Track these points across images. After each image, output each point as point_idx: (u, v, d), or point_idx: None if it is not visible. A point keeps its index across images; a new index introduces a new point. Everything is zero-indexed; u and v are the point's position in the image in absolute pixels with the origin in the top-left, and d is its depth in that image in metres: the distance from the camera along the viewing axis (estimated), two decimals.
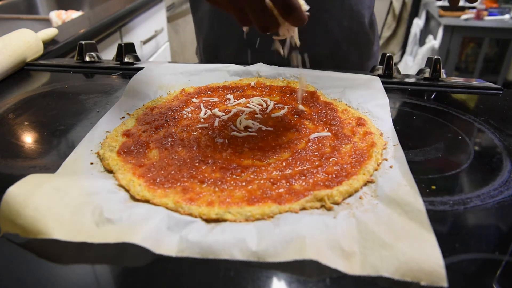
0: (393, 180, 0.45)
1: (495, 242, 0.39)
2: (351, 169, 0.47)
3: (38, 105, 0.67)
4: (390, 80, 0.77)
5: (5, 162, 0.51)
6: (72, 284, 0.34)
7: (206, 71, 0.75)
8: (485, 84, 0.77)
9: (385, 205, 0.41)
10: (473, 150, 0.54)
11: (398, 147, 0.51)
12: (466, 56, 3.04)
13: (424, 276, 0.33)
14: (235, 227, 0.39)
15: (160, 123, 0.58)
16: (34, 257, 0.36)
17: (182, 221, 0.39)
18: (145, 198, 0.43)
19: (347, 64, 0.90)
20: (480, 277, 0.35)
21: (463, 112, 0.65)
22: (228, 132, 0.56)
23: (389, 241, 0.36)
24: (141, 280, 0.34)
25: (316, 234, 0.37)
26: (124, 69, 0.82)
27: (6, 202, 0.37)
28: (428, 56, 0.80)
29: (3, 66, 0.76)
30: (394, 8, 3.33)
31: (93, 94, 0.70)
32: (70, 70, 0.83)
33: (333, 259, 0.35)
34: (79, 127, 0.59)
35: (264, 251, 0.36)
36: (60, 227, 0.37)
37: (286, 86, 0.71)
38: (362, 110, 0.63)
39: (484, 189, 0.46)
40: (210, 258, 0.36)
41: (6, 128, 0.59)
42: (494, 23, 2.72)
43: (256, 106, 0.64)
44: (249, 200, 0.42)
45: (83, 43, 0.86)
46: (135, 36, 1.58)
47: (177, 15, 2.27)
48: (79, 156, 0.50)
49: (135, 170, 0.47)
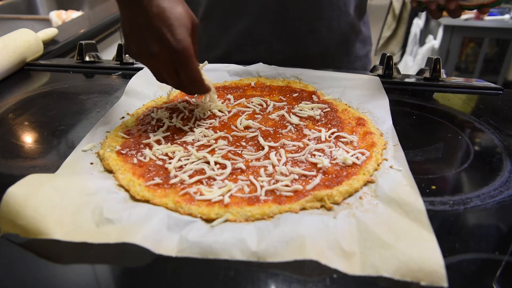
0: (393, 180, 0.45)
1: (495, 242, 0.39)
2: (351, 169, 0.47)
3: (38, 105, 0.67)
4: (390, 80, 0.77)
5: (5, 162, 0.51)
6: (72, 284, 0.34)
7: (206, 71, 0.75)
8: (485, 84, 0.77)
9: (385, 205, 0.41)
10: (473, 150, 0.54)
11: (398, 147, 0.51)
12: (466, 56, 3.04)
13: (424, 276, 0.33)
14: (235, 227, 0.39)
15: (161, 124, 0.58)
16: (34, 257, 0.36)
17: (182, 221, 0.39)
18: (145, 198, 0.43)
19: (337, 63, 0.90)
20: (480, 277, 0.35)
21: (463, 112, 0.65)
22: (228, 132, 0.56)
23: (389, 241, 0.36)
24: (141, 280, 0.34)
25: (316, 234, 0.37)
26: (124, 69, 0.82)
27: (6, 202, 0.37)
28: (428, 56, 0.80)
29: (3, 66, 0.76)
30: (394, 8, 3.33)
31: (93, 94, 0.70)
32: (70, 70, 0.83)
33: (333, 259, 0.35)
34: (79, 127, 0.59)
35: (264, 251, 0.36)
36: (60, 227, 0.37)
37: (286, 86, 0.71)
38: (362, 110, 0.63)
39: (484, 189, 0.46)
40: (210, 258, 0.36)
41: (6, 128, 0.59)
42: (494, 23, 2.72)
43: (256, 106, 0.64)
44: (249, 200, 0.42)
45: (83, 43, 0.86)
46: None
47: None
48: (79, 156, 0.50)
49: (135, 170, 0.47)
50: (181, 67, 0.52)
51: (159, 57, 0.51)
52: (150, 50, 0.50)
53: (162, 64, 0.52)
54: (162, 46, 0.50)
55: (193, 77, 0.53)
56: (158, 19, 0.49)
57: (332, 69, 0.77)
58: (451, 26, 2.72)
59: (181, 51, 0.50)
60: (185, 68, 0.52)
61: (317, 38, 0.85)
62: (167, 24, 0.49)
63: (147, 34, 0.50)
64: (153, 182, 0.45)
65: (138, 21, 0.50)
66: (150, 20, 0.49)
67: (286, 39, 0.84)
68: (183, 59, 0.51)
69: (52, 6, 1.76)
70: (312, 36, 0.85)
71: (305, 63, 0.78)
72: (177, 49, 0.50)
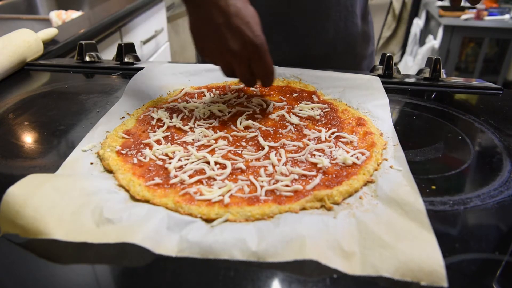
0: (393, 180, 0.45)
1: (495, 242, 0.39)
2: (351, 169, 0.47)
3: (38, 105, 0.67)
4: (390, 80, 0.77)
5: (5, 162, 0.51)
6: (72, 284, 0.34)
7: (206, 71, 0.75)
8: (485, 84, 0.77)
9: (385, 205, 0.41)
10: (473, 150, 0.54)
11: (398, 147, 0.51)
12: (466, 56, 3.04)
13: (424, 276, 0.33)
14: (235, 227, 0.39)
15: (161, 124, 0.58)
16: (34, 257, 0.36)
17: (182, 221, 0.39)
18: (145, 198, 0.43)
19: (341, 64, 0.90)
20: (480, 277, 0.35)
21: (463, 112, 0.65)
22: (228, 132, 0.56)
23: (389, 241, 0.36)
24: (141, 280, 0.34)
25: (316, 234, 0.37)
26: (124, 69, 0.82)
27: (6, 202, 0.37)
28: (428, 56, 0.80)
29: (3, 66, 0.76)
30: (394, 8, 3.33)
31: (93, 94, 0.70)
32: (70, 70, 0.83)
33: (333, 259, 0.35)
34: (79, 127, 0.59)
35: (264, 251, 0.36)
36: (60, 227, 0.37)
37: (286, 86, 0.71)
38: (362, 110, 0.63)
39: (484, 189, 0.46)
40: (210, 258, 0.36)
41: (6, 128, 0.59)
42: (494, 23, 2.72)
43: (256, 106, 0.64)
44: (249, 200, 0.42)
45: (83, 43, 0.86)
46: (135, 36, 1.58)
47: (177, 15, 2.27)
48: (79, 156, 0.50)
49: (135, 170, 0.47)
50: (259, 60, 0.56)
51: (238, 53, 0.54)
52: (230, 47, 0.54)
53: (239, 59, 0.55)
54: (242, 42, 0.54)
55: (270, 68, 0.57)
56: (236, 17, 0.53)
57: (333, 69, 0.77)
58: (451, 26, 2.72)
59: (260, 45, 0.54)
60: (262, 61, 0.56)
61: (323, 39, 0.85)
62: (245, 22, 0.53)
63: (227, 32, 0.54)
64: (153, 182, 0.45)
65: (218, 21, 0.54)
66: (230, 19, 0.53)
67: (293, 40, 0.84)
68: (261, 53, 0.55)
69: (52, 6, 1.76)
70: (319, 37, 0.85)
71: (311, 63, 0.78)
72: (257, 44, 0.54)
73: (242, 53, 0.54)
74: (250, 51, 0.54)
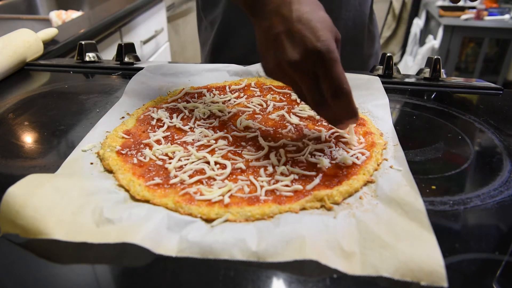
0: (393, 180, 0.45)
1: (495, 242, 0.39)
2: (351, 169, 0.47)
3: (38, 105, 0.67)
4: (390, 80, 0.77)
5: (5, 162, 0.51)
6: (72, 284, 0.35)
7: (206, 71, 0.75)
8: (485, 84, 0.77)
9: (385, 205, 0.41)
10: (473, 150, 0.54)
11: (398, 147, 0.51)
12: (466, 56, 3.04)
13: (424, 276, 0.33)
14: (235, 227, 0.39)
15: (161, 124, 0.58)
16: (34, 257, 0.36)
17: (182, 221, 0.39)
18: (145, 198, 0.43)
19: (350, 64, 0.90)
20: (480, 277, 0.35)
21: (463, 112, 0.65)
22: (228, 132, 0.56)
23: (389, 241, 0.36)
24: (141, 280, 0.34)
25: (316, 234, 0.37)
26: (124, 69, 0.82)
27: (6, 202, 0.37)
28: (428, 56, 0.80)
29: (3, 66, 0.76)
30: (394, 8, 3.33)
31: (93, 94, 0.70)
32: (70, 70, 0.83)
33: (333, 259, 0.35)
34: (79, 127, 0.59)
35: (264, 251, 0.36)
36: (60, 227, 0.37)
37: (286, 86, 0.71)
38: (362, 110, 0.63)
39: (484, 189, 0.46)
40: (210, 258, 0.36)
41: (6, 128, 0.59)
42: (494, 23, 2.72)
43: (256, 106, 0.64)
44: (249, 200, 0.42)
45: (83, 43, 0.86)
46: (135, 36, 1.58)
47: (177, 15, 2.27)
48: (79, 156, 0.50)
49: (135, 170, 0.47)
50: (324, 72, 0.43)
51: (298, 65, 0.44)
52: (289, 59, 0.44)
53: (302, 73, 0.45)
54: (303, 50, 0.43)
55: (339, 84, 0.43)
56: (299, 23, 0.44)
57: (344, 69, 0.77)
58: (451, 26, 2.72)
59: (325, 51, 0.42)
60: (329, 72, 0.43)
61: None
62: (309, 26, 0.44)
63: (286, 42, 0.45)
64: (153, 182, 0.45)
65: (276, 31, 0.45)
66: (291, 25, 0.44)
67: None
68: (325, 62, 0.43)
69: (52, 6, 1.76)
70: None
71: None
72: (319, 49, 0.42)
73: (303, 64, 0.44)
74: (313, 60, 0.43)
